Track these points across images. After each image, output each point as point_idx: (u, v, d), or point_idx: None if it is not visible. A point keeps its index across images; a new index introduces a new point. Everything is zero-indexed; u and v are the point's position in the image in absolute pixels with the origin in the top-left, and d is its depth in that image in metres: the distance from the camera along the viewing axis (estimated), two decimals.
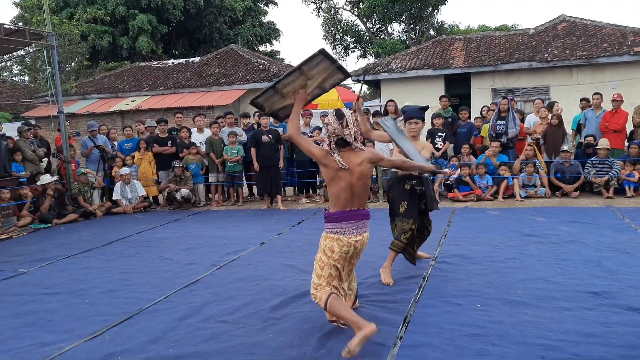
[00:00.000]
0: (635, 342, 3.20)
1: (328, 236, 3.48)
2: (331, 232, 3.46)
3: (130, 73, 21.86)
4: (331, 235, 3.46)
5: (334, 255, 3.44)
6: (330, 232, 3.47)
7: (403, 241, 4.70)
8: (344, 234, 3.44)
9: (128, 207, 9.98)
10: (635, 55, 14.58)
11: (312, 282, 3.55)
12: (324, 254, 3.49)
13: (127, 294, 4.79)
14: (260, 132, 9.48)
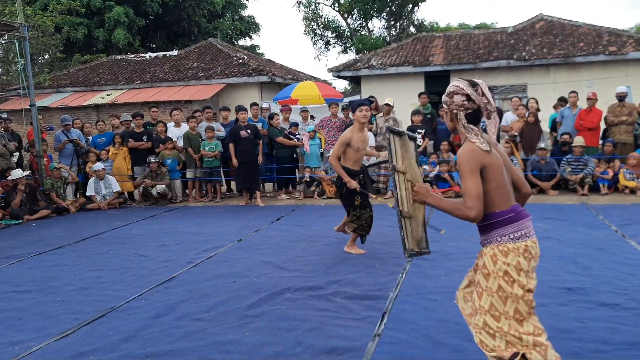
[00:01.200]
0: (607, 337, 3.24)
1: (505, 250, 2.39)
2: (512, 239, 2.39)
3: (106, 66, 21.47)
4: (512, 246, 2.39)
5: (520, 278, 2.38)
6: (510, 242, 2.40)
7: (364, 225, 5.48)
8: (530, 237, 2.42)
9: (102, 203, 9.81)
10: (611, 55, 14.83)
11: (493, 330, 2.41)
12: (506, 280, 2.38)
13: (100, 292, 4.69)
14: (238, 128, 9.37)
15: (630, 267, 4.64)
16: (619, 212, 7.14)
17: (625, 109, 9.25)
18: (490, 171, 2.38)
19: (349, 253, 5.54)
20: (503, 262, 2.37)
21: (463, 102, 2.47)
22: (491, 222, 2.43)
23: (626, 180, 8.57)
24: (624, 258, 4.95)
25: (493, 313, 2.39)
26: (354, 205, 5.46)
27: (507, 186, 2.45)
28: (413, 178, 3.02)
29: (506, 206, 2.41)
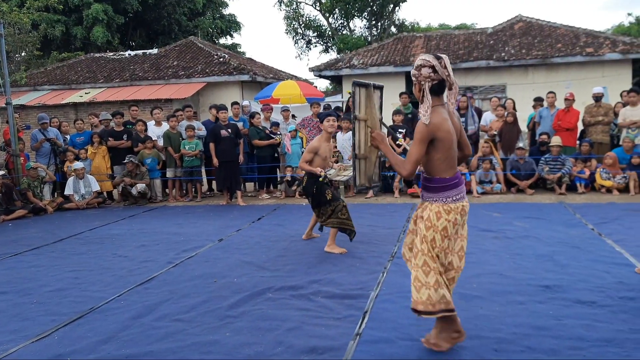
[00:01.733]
0: (583, 334, 3.30)
1: (451, 210, 2.89)
2: (454, 200, 2.90)
3: (85, 64, 21.17)
4: (454, 206, 2.90)
5: (453, 231, 2.93)
6: (452, 201, 2.90)
7: (342, 217, 5.54)
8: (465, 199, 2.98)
9: (81, 203, 9.67)
10: (588, 56, 15.09)
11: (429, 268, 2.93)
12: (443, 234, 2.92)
13: (78, 293, 4.63)
14: (219, 127, 9.30)
15: (606, 265, 4.73)
16: (595, 211, 7.26)
17: (601, 109, 9.41)
18: (440, 143, 2.85)
19: (331, 253, 5.54)
20: (445, 219, 2.91)
21: (429, 74, 2.87)
22: (438, 186, 2.92)
23: (602, 179, 8.72)
24: (600, 256, 5.04)
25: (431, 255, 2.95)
26: (326, 200, 5.58)
27: (454, 158, 2.94)
28: (373, 125, 3.50)
29: (452, 173, 2.92)
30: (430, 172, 2.95)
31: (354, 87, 3.49)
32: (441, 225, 2.90)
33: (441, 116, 2.87)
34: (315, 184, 5.64)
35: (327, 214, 5.62)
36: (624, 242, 5.48)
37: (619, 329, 3.35)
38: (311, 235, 6.32)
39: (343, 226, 5.57)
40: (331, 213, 5.59)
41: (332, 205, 5.59)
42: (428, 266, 2.95)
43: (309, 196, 5.77)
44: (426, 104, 2.85)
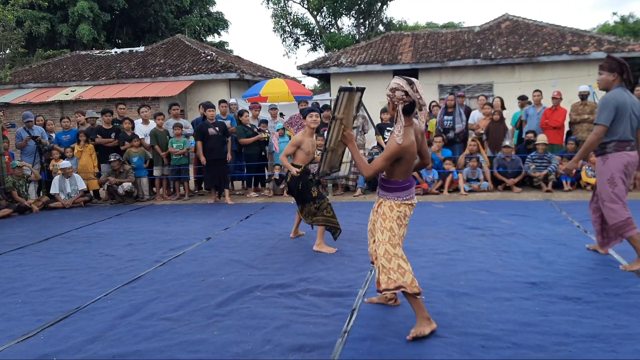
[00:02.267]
0: (569, 330, 3.33)
1: (402, 204, 3.43)
2: (405, 200, 3.43)
3: (70, 62, 20.96)
4: (403, 202, 3.43)
5: (405, 221, 3.47)
6: (403, 201, 3.42)
7: (327, 215, 5.58)
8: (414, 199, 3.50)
9: (67, 202, 9.58)
10: (574, 55, 15.23)
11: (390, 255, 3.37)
12: (398, 223, 3.41)
13: (64, 292, 4.58)
14: (206, 125, 9.25)
15: (592, 262, 4.78)
16: (581, 208, 7.33)
17: (587, 108, 9.50)
18: (404, 161, 3.32)
19: (320, 252, 5.53)
20: (397, 211, 3.42)
21: (402, 96, 3.23)
22: (394, 187, 3.42)
23: (588, 177, 8.82)
24: (585, 253, 5.10)
25: (391, 243, 3.38)
26: (311, 197, 5.64)
27: (411, 168, 3.43)
28: (347, 124, 3.89)
29: (405, 178, 3.41)
30: (389, 176, 3.44)
31: (340, 92, 3.73)
32: (395, 215, 3.41)
33: (410, 139, 3.27)
34: (301, 180, 5.66)
35: (312, 212, 5.66)
36: None
37: (604, 324, 3.39)
38: (298, 234, 6.32)
39: (329, 224, 5.59)
40: (316, 211, 5.64)
41: (317, 203, 5.63)
42: (389, 253, 3.36)
43: (293, 192, 5.79)
44: (399, 124, 3.25)
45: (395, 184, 3.40)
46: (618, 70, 4.53)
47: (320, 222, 5.61)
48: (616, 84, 4.56)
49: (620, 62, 4.53)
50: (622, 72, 4.53)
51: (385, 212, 3.44)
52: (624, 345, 3.09)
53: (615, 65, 4.53)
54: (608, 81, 4.58)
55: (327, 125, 5.72)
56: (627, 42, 15.81)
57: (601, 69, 4.62)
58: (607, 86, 4.60)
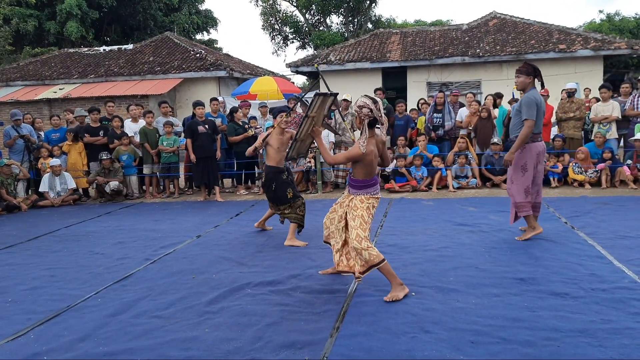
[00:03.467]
0: (557, 324, 3.38)
1: (370, 197, 4.09)
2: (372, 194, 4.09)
3: (58, 59, 20.77)
4: (371, 196, 4.09)
5: (372, 211, 4.11)
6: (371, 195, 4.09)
7: (300, 214, 5.83)
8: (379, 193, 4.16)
9: (56, 200, 9.51)
10: (560, 52, 15.36)
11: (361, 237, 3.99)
12: (367, 212, 4.06)
13: (54, 291, 4.56)
14: (196, 123, 9.23)
15: (579, 258, 4.84)
16: (568, 205, 7.42)
17: (574, 105, 9.60)
18: (363, 164, 4.03)
19: (292, 246, 5.69)
20: (367, 203, 4.08)
21: (368, 113, 3.96)
22: (362, 185, 4.08)
23: (575, 173, 8.91)
24: (573, 249, 5.15)
25: (362, 227, 4.01)
26: (286, 199, 5.81)
27: (374, 167, 4.11)
28: (317, 121, 4.50)
29: (370, 177, 4.09)
30: (356, 176, 4.10)
31: (315, 96, 4.32)
32: (365, 206, 4.07)
33: (370, 148, 4.01)
34: (275, 180, 5.79)
35: (287, 209, 5.88)
36: (595, 235, 5.62)
37: (591, 319, 3.44)
38: (265, 227, 6.54)
39: (298, 222, 5.84)
40: (290, 209, 5.85)
41: (292, 202, 5.83)
42: (359, 236, 3.97)
43: (267, 191, 5.91)
44: (364, 135, 3.97)
45: (363, 182, 4.08)
46: (533, 74, 5.34)
47: (292, 220, 5.83)
48: (531, 85, 5.40)
49: (534, 67, 5.39)
50: (536, 76, 5.34)
51: (357, 204, 4.09)
52: (610, 340, 3.14)
53: (531, 70, 5.33)
54: (526, 83, 5.37)
55: None
56: (612, 40, 15.97)
57: (519, 73, 5.37)
58: (524, 87, 5.41)
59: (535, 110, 5.27)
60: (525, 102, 5.32)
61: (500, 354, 3.03)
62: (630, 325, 3.33)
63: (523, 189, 5.47)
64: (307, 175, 9.85)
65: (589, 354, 2.98)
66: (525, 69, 5.35)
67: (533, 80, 5.37)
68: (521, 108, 5.35)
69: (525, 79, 5.35)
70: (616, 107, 9.20)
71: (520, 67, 5.40)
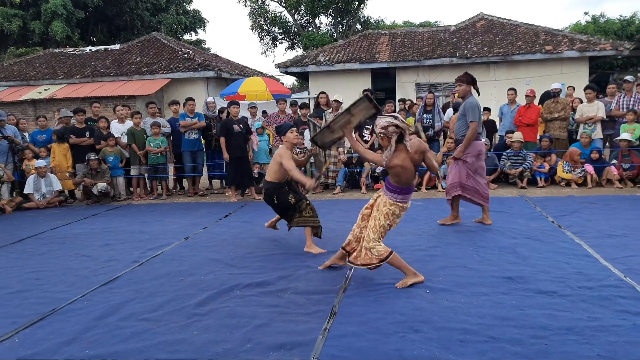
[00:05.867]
0: (545, 323, 3.39)
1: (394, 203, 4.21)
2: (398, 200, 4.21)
3: (44, 60, 20.58)
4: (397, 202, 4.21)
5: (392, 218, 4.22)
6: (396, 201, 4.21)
7: (307, 215, 5.54)
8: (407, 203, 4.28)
9: (41, 202, 9.40)
10: (547, 54, 15.50)
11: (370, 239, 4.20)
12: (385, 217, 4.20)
13: (39, 294, 4.50)
14: (231, 122, 9.09)
15: (566, 256, 4.88)
16: (555, 204, 7.48)
17: (559, 105, 9.68)
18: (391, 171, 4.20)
19: (310, 252, 5.42)
20: (389, 207, 4.21)
21: (394, 130, 4.11)
22: (392, 189, 4.22)
23: (564, 172, 8.98)
24: (560, 248, 5.19)
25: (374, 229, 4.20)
26: (290, 205, 5.49)
27: (404, 178, 4.18)
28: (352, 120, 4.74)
29: (406, 185, 4.20)
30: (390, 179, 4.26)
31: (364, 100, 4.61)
32: (385, 210, 4.20)
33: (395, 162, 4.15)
34: (275, 193, 5.50)
35: (295, 217, 5.53)
36: (582, 234, 5.67)
37: (578, 317, 3.46)
38: (274, 227, 6.21)
39: (308, 224, 5.50)
40: (298, 215, 5.53)
41: (298, 206, 5.50)
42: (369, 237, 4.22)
43: (270, 204, 5.63)
44: (389, 151, 4.17)
45: (394, 187, 4.21)
46: (472, 82, 6.00)
47: (300, 224, 5.51)
48: (470, 92, 6.09)
49: (472, 76, 6.07)
50: (474, 84, 6.04)
51: (380, 205, 4.26)
52: (597, 338, 3.16)
53: (470, 79, 5.99)
54: (467, 91, 6.04)
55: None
56: (598, 41, 16.15)
57: (460, 82, 6.00)
58: (465, 94, 6.06)
59: (479, 113, 6.09)
60: (469, 106, 6.03)
61: (489, 352, 3.04)
62: (616, 322, 3.36)
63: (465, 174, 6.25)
64: None
65: (577, 352, 3.00)
66: (465, 78, 5.99)
67: (471, 88, 6.07)
68: (466, 112, 6.06)
69: (466, 87, 6.01)
70: (601, 108, 9.29)
71: (460, 77, 6.03)
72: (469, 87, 6.05)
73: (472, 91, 6.18)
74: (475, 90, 6.18)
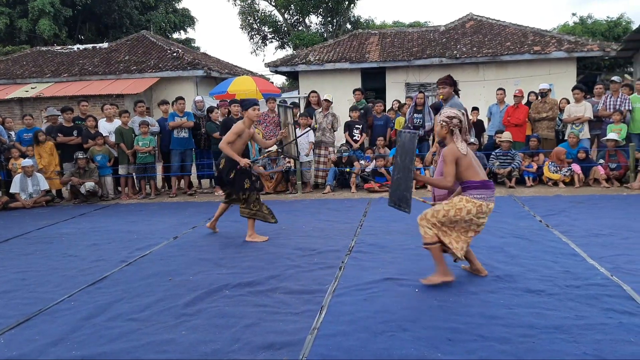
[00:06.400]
0: (533, 321, 3.41)
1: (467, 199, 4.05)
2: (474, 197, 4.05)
3: (31, 58, 20.35)
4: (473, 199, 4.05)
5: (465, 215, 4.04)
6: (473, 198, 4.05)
7: (254, 209, 5.91)
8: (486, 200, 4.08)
9: (28, 202, 9.30)
10: (535, 54, 15.60)
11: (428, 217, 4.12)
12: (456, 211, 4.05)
13: (26, 294, 4.45)
14: (231, 120, 9.04)
15: (554, 255, 4.91)
16: (542, 203, 7.53)
17: (546, 105, 9.75)
18: (461, 161, 4.05)
19: (253, 242, 5.81)
20: (465, 204, 4.04)
21: (457, 124, 4.18)
22: (465, 186, 4.09)
23: (550, 172, 9.05)
24: (547, 247, 5.23)
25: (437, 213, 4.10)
26: (243, 188, 5.86)
27: (476, 167, 4.09)
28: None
29: (475, 178, 4.06)
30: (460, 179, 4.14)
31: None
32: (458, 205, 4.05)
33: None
34: (234, 169, 5.82)
35: (240, 201, 5.94)
36: (569, 233, 5.71)
37: (566, 316, 3.49)
38: (215, 228, 6.50)
39: (256, 217, 5.93)
40: (244, 202, 5.92)
41: (246, 194, 5.88)
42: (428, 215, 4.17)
43: (224, 177, 5.92)
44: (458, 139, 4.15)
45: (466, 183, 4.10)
46: (454, 84, 6.07)
47: (245, 215, 5.95)
48: (452, 94, 6.10)
49: (454, 79, 6.13)
50: (455, 85, 6.11)
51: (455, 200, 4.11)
52: (584, 336, 3.19)
53: (452, 81, 6.06)
54: (450, 93, 6.05)
55: None
56: (585, 42, 16.28)
57: (444, 84, 6.02)
58: (448, 96, 6.06)
59: None
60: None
61: (478, 351, 3.05)
62: (603, 320, 3.39)
63: None
64: (287, 175, 9.81)
65: (564, 350, 3.02)
66: (448, 80, 6.05)
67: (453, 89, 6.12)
68: None
69: (450, 89, 6.04)
70: (588, 108, 9.37)
71: (444, 79, 6.06)
72: (452, 88, 6.14)
73: None
74: (457, 91, 6.27)
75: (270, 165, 9.73)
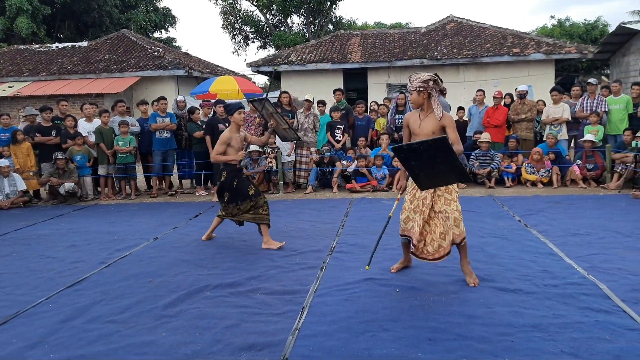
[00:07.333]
0: (511, 320, 3.46)
1: None
2: None
3: (8, 56, 19.99)
4: None
5: None
6: None
7: (263, 213, 5.67)
8: None
9: (4, 203, 9.14)
10: (514, 56, 15.80)
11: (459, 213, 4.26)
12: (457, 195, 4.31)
13: (2, 297, 4.38)
14: (216, 120, 8.99)
15: (532, 255, 4.99)
16: (521, 203, 7.63)
17: (525, 107, 9.88)
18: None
19: (269, 249, 5.54)
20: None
21: (433, 86, 4.20)
22: None
23: (527, 174, 9.18)
24: (526, 246, 5.31)
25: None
26: (248, 195, 5.64)
27: None
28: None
29: None
30: None
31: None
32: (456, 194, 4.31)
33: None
34: (236, 177, 5.65)
35: (246, 208, 5.67)
36: (547, 233, 5.80)
37: (543, 314, 3.55)
38: (211, 237, 6.17)
39: (258, 221, 5.66)
40: (250, 207, 5.66)
41: (254, 201, 5.65)
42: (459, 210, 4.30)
43: (225, 191, 5.68)
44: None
45: None
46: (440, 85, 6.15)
47: (257, 221, 5.65)
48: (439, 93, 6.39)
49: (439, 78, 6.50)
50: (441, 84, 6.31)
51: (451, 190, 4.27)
52: (561, 334, 3.24)
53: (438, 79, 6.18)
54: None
55: None
56: (563, 45, 16.54)
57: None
58: None
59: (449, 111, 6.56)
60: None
61: (457, 350, 3.08)
62: (579, 319, 3.45)
63: None
64: (269, 175, 9.79)
65: (541, 348, 3.07)
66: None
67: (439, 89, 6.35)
68: None
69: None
70: (566, 109, 9.53)
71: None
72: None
73: None
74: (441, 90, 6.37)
75: (252, 165, 9.70)
